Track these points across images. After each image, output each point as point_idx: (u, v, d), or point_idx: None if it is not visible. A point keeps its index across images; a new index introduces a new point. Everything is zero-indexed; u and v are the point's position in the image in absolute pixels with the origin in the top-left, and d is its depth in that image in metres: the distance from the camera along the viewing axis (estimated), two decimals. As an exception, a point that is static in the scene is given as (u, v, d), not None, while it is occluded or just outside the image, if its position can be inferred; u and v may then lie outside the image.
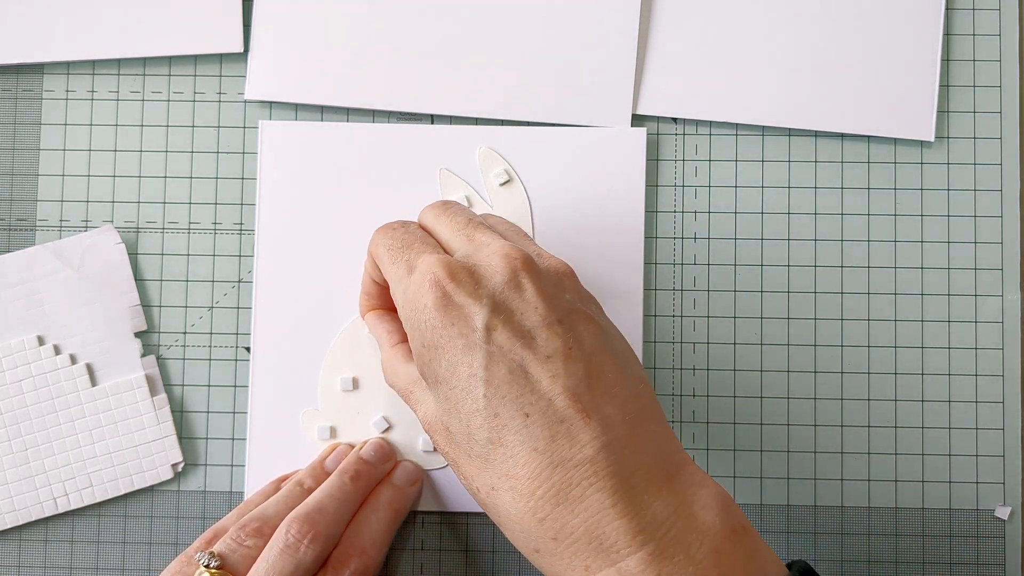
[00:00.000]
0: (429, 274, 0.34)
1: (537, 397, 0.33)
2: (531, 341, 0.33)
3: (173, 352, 0.44)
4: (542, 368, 0.33)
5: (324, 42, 0.44)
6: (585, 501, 0.32)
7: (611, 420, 0.33)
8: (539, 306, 0.34)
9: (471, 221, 0.37)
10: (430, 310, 0.34)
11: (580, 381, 0.33)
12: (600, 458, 0.32)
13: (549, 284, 0.34)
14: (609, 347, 0.34)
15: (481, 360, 0.33)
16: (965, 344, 0.44)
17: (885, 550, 0.43)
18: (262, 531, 0.37)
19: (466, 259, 0.35)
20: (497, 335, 0.33)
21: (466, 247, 0.36)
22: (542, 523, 0.32)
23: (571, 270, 0.36)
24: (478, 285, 0.34)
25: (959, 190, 0.44)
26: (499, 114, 0.44)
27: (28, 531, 0.43)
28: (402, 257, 0.36)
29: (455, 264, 0.34)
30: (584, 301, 0.36)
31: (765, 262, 0.44)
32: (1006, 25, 0.45)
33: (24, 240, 0.44)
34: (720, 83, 0.44)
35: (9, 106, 0.45)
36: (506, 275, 0.34)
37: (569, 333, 0.33)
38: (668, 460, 0.33)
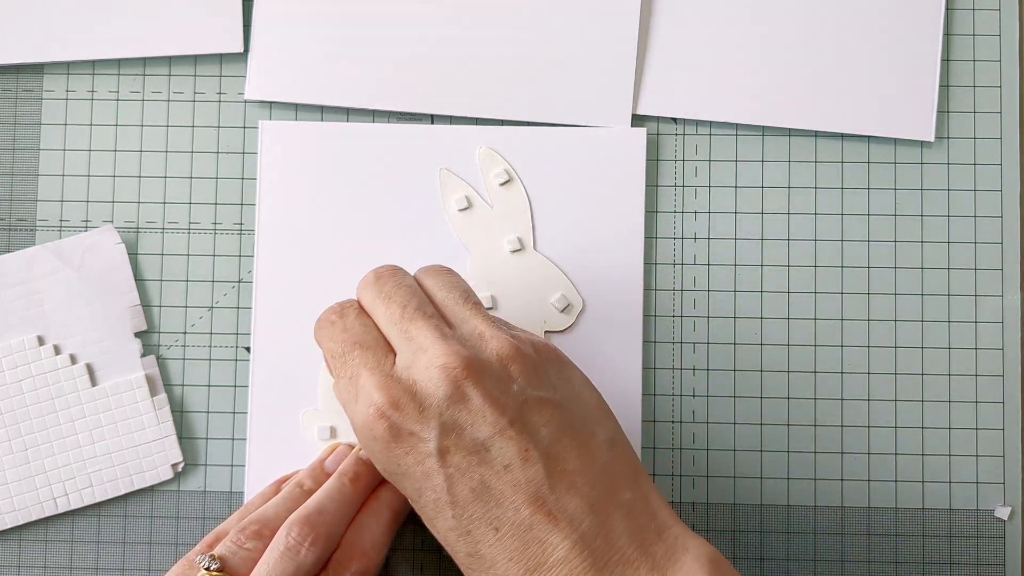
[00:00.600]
0: (372, 405, 0.34)
1: (503, 510, 0.33)
2: (486, 454, 0.33)
3: (173, 352, 0.44)
4: (501, 480, 0.33)
5: (324, 42, 0.44)
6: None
7: (578, 514, 0.33)
8: (487, 414, 0.33)
9: (406, 310, 0.35)
10: (382, 442, 0.34)
11: (541, 483, 0.33)
12: (573, 556, 0.32)
13: (494, 383, 0.34)
14: (567, 423, 0.34)
15: (443, 484, 0.33)
16: (965, 344, 0.44)
17: (885, 550, 0.43)
18: (262, 533, 0.37)
19: (406, 373, 0.34)
20: (452, 457, 0.33)
21: (404, 350, 0.35)
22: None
23: (515, 350, 0.35)
24: (422, 407, 0.33)
25: (959, 190, 0.44)
26: (499, 114, 0.44)
27: (28, 531, 0.43)
28: (344, 372, 0.35)
29: (393, 388, 0.34)
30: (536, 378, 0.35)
31: (765, 262, 0.44)
32: (1006, 25, 0.45)
33: (24, 240, 0.44)
34: (720, 83, 0.44)
35: (9, 106, 0.45)
36: (448, 389, 0.33)
37: (523, 434, 0.33)
38: (644, 531, 0.33)
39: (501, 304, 0.43)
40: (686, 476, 0.43)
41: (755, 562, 0.43)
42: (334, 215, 0.44)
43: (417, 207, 0.44)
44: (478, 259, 0.43)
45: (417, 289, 0.37)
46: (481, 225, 0.44)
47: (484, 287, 0.43)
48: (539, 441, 0.33)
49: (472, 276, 0.43)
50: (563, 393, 0.35)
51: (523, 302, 0.43)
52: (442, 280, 0.37)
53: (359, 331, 0.36)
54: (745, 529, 0.43)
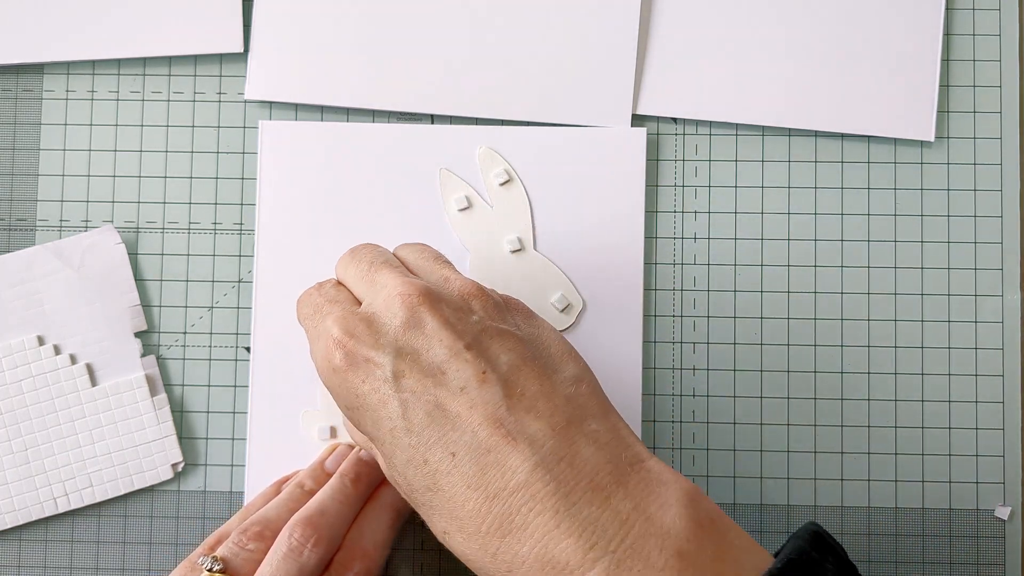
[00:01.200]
0: (329, 337, 0.33)
1: (459, 433, 0.32)
2: (442, 377, 0.32)
3: (173, 352, 0.44)
4: (457, 402, 0.32)
5: (324, 42, 0.44)
6: (528, 528, 0.30)
7: (539, 436, 0.31)
8: (443, 337, 0.33)
9: (373, 264, 0.36)
10: (340, 372, 0.33)
11: (499, 404, 0.32)
12: (534, 480, 0.31)
13: (452, 311, 0.34)
14: (531, 355, 0.33)
15: (398, 410, 0.32)
16: (965, 344, 0.44)
17: (885, 550, 0.43)
18: (264, 535, 0.37)
19: (367, 309, 0.34)
20: (407, 381, 0.32)
21: (368, 294, 0.35)
22: (495, 558, 0.31)
23: (478, 288, 0.35)
24: (377, 334, 0.33)
25: (959, 190, 0.44)
26: (499, 114, 0.44)
27: (28, 531, 0.43)
28: (313, 325, 0.35)
29: (351, 319, 0.34)
30: (498, 315, 0.35)
31: (765, 262, 0.44)
32: (1006, 25, 0.45)
33: (24, 240, 0.44)
34: (720, 83, 0.44)
35: (9, 106, 0.45)
36: (404, 315, 0.33)
37: (480, 358, 0.33)
38: (616, 461, 0.32)
39: (501, 304, 0.43)
40: (686, 476, 0.43)
41: (755, 562, 0.43)
42: (334, 215, 0.44)
43: (417, 207, 0.44)
44: (478, 259, 0.43)
45: (387, 251, 0.38)
46: (481, 225, 0.44)
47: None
48: (498, 366, 0.33)
49: (472, 276, 0.43)
50: (527, 332, 0.35)
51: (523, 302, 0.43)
52: (415, 247, 0.38)
53: (332, 294, 0.36)
54: (745, 529, 0.43)
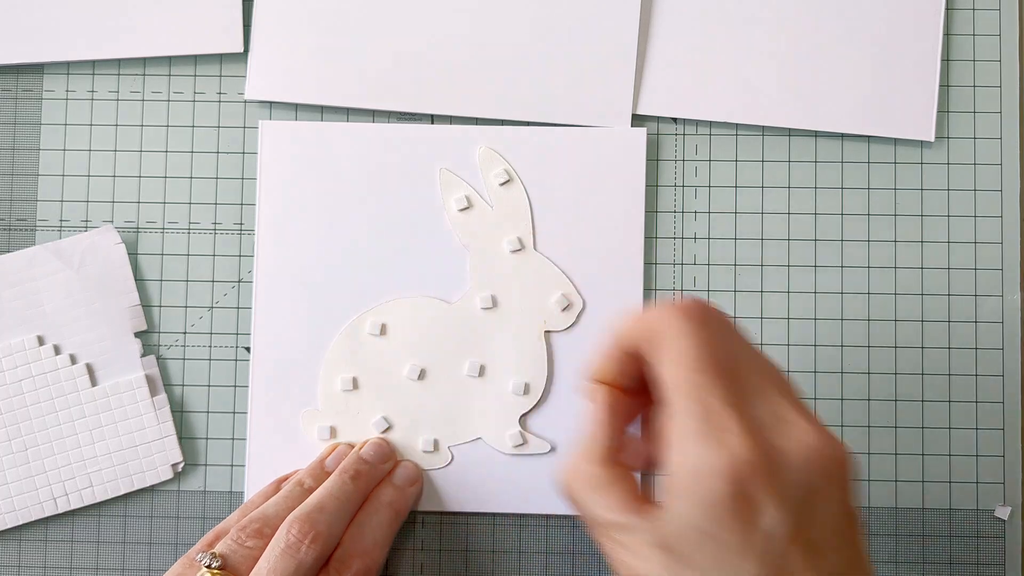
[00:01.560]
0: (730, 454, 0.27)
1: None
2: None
3: (173, 352, 0.44)
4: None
5: (324, 42, 0.44)
6: None
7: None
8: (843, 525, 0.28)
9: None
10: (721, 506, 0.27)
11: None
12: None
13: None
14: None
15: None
16: (965, 344, 0.44)
17: (885, 550, 0.43)
18: (262, 532, 0.37)
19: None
20: (794, 548, 0.27)
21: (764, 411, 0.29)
22: None
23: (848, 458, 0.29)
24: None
25: (959, 190, 0.44)
26: (499, 114, 0.44)
27: (28, 531, 0.43)
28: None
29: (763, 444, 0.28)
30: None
31: (765, 262, 0.44)
32: (1006, 25, 0.45)
33: (24, 240, 0.44)
34: (720, 83, 0.44)
35: (9, 106, 0.45)
36: (821, 479, 0.28)
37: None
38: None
39: (501, 304, 0.43)
40: (686, 476, 0.43)
41: (755, 562, 0.43)
42: (334, 215, 0.44)
43: (417, 207, 0.44)
44: (478, 259, 0.43)
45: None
46: (481, 225, 0.44)
47: (484, 287, 0.43)
48: None
49: (472, 276, 0.43)
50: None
51: (523, 302, 0.43)
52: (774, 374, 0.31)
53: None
54: (745, 529, 0.43)
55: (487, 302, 0.43)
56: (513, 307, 0.43)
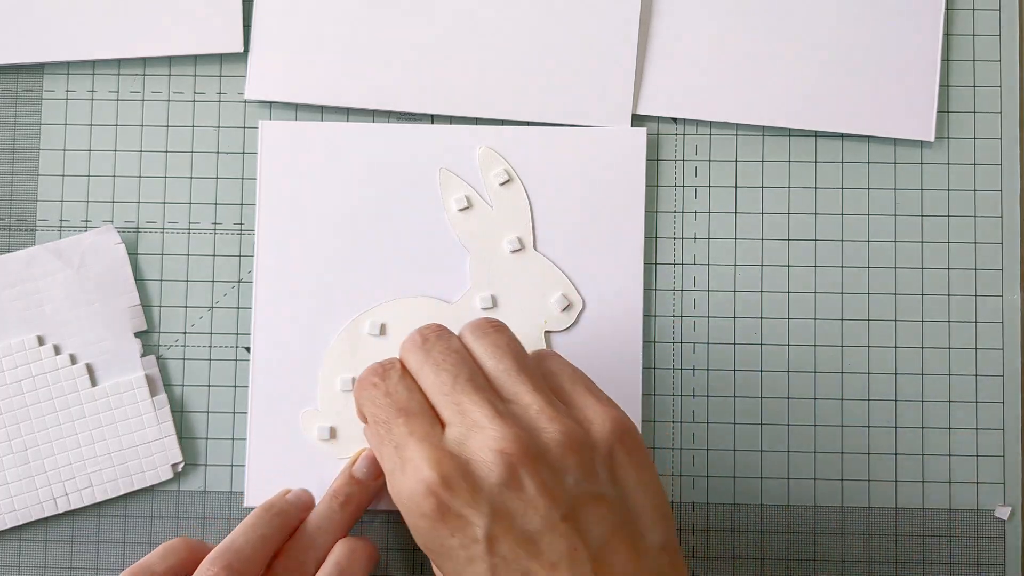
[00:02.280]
0: (422, 481, 0.32)
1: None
2: (535, 547, 0.31)
3: (173, 352, 0.44)
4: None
5: (324, 42, 0.44)
6: None
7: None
8: (540, 506, 0.32)
9: (457, 379, 0.34)
10: (428, 519, 0.32)
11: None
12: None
13: (550, 473, 0.32)
14: (622, 523, 0.33)
15: (485, 572, 0.32)
16: (965, 344, 0.44)
17: (885, 550, 0.43)
18: (232, 567, 0.36)
19: (458, 449, 0.32)
20: (500, 546, 0.31)
21: (455, 423, 0.33)
22: None
23: (573, 439, 0.33)
24: (475, 490, 0.31)
25: (959, 190, 0.44)
26: (499, 114, 0.44)
27: (28, 531, 0.43)
28: (388, 439, 0.34)
29: (447, 465, 0.32)
30: (591, 471, 0.33)
31: (765, 262, 0.44)
32: (1006, 25, 0.45)
33: (24, 240, 0.44)
34: (720, 83, 0.44)
35: (9, 106, 0.45)
36: (503, 474, 0.32)
37: (574, 531, 0.32)
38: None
39: (501, 304, 0.43)
40: (686, 476, 0.43)
41: (755, 562, 0.43)
42: (334, 215, 0.44)
43: (417, 207, 0.44)
44: (478, 259, 0.43)
45: (467, 356, 0.35)
46: (481, 225, 0.44)
47: (484, 287, 0.43)
48: (590, 541, 0.32)
49: (472, 276, 0.43)
50: (622, 487, 0.33)
51: (523, 302, 0.43)
52: (490, 343, 0.35)
53: (403, 396, 0.34)
54: (745, 529, 0.43)
55: (487, 302, 0.43)
56: (513, 307, 0.43)
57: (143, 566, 0.36)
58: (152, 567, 0.36)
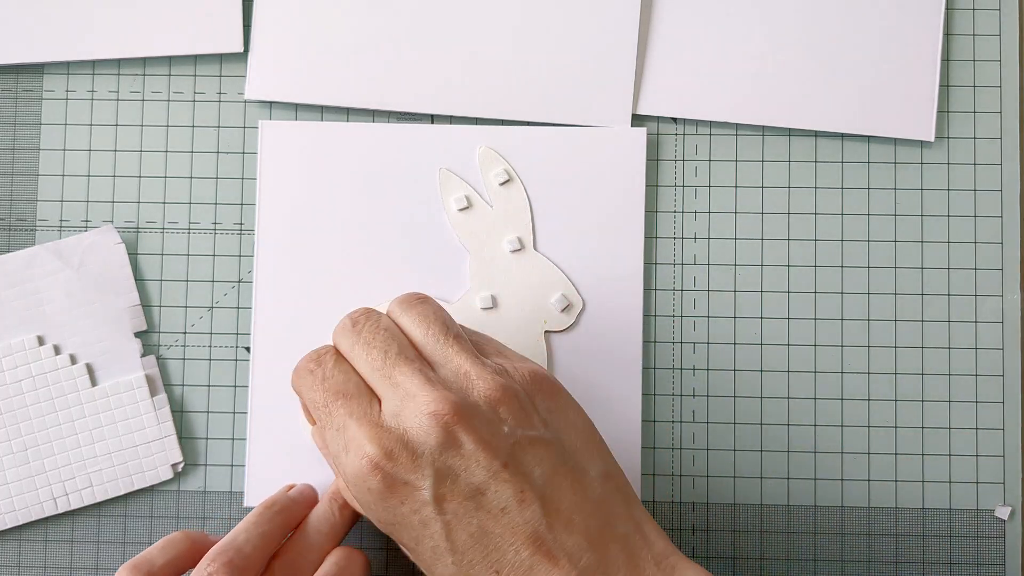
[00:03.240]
0: (364, 457, 0.33)
1: (502, 553, 0.33)
2: (482, 498, 0.33)
3: (173, 352, 0.44)
4: (500, 523, 0.33)
5: (324, 42, 0.44)
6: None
7: (576, 551, 0.33)
8: (480, 458, 0.33)
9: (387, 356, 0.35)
10: (376, 494, 0.33)
11: (539, 523, 0.33)
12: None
13: (485, 426, 0.33)
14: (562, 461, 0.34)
15: (440, 531, 0.33)
16: (965, 344, 0.44)
17: (885, 550, 0.43)
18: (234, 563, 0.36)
19: (395, 421, 0.34)
20: (448, 504, 0.33)
21: (390, 396, 0.34)
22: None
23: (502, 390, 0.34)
24: (415, 456, 0.33)
25: (959, 190, 0.44)
26: (499, 114, 0.44)
27: (28, 531, 0.43)
28: (329, 423, 0.35)
29: (386, 438, 0.33)
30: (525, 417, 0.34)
31: (765, 262, 0.44)
32: (1006, 25, 0.45)
33: (24, 240, 0.44)
34: (720, 83, 0.44)
35: (9, 106, 0.45)
36: (440, 436, 0.33)
37: (517, 475, 0.33)
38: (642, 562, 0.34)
39: (501, 304, 0.43)
40: (686, 476, 0.43)
41: (755, 562, 0.43)
42: (334, 215, 0.44)
43: (417, 207, 0.44)
44: (478, 259, 0.43)
45: (396, 331, 0.36)
46: (481, 225, 0.44)
47: (484, 287, 0.43)
48: (534, 481, 0.33)
49: (472, 276, 0.43)
50: (554, 429, 0.35)
51: (523, 302, 0.43)
52: (416, 314, 0.36)
53: (340, 379, 0.35)
54: (745, 529, 0.43)
55: (487, 302, 0.43)
56: (513, 307, 0.43)
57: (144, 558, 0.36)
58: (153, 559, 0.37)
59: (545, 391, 0.36)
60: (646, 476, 0.43)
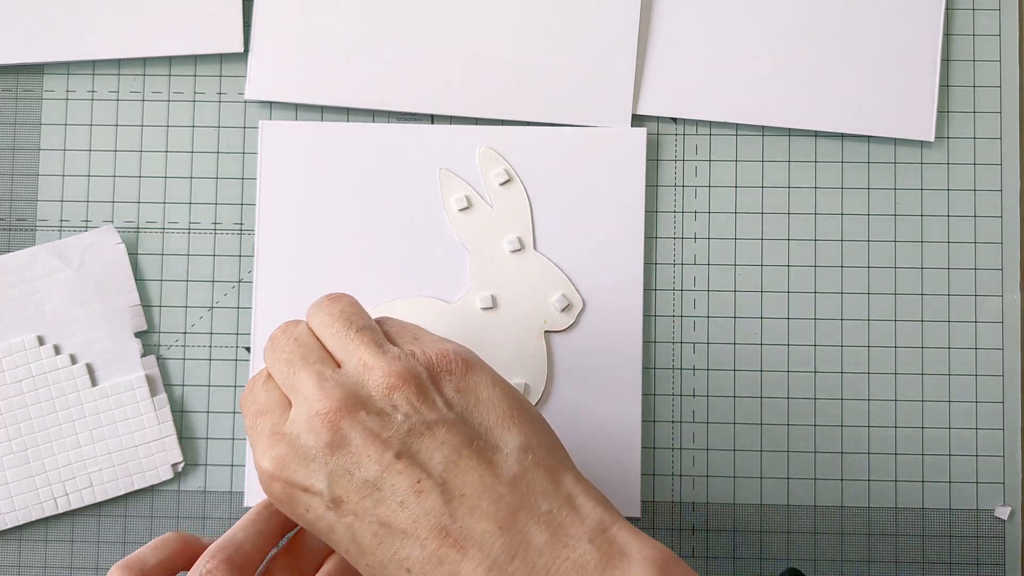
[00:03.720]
0: (264, 472, 0.33)
1: (410, 548, 0.31)
2: (379, 494, 0.32)
3: (173, 352, 0.44)
4: (400, 517, 0.31)
5: (324, 42, 0.44)
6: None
7: (486, 538, 0.31)
8: (371, 452, 0.32)
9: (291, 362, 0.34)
10: (283, 504, 0.33)
11: (441, 514, 0.31)
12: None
13: (374, 417, 0.32)
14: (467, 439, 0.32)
15: (346, 535, 0.32)
16: (965, 344, 0.44)
17: (885, 550, 0.43)
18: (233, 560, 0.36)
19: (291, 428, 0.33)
20: (347, 505, 0.32)
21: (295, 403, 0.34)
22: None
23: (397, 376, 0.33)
24: (306, 459, 0.32)
25: (959, 190, 0.44)
26: (499, 114, 0.44)
27: (28, 531, 0.43)
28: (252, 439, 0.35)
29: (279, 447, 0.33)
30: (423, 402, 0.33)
31: (765, 262, 0.44)
32: (1006, 25, 0.45)
33: (24, 240, 0.44)
34: (720, 83, 0.44)
35: (9, 106, 0.45)
36: (327, 436, 0.32)
37: (412, 465, 0.32)
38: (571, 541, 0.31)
39: (501, 304, 0.43)
40: (686, 476, 0.43)
41: (755, 562, 0.43)
42: (334, 215, 0.44)
43: (417, 207, 0.44)
44: (478, 259, 0.44)
45: (305, 338, 0.35)
46: (481, 225, 0.44)
47: (484, 287, 0.43)
48: (431, 470, 0.32)
49: (472, 276, 0.43)
50: (461, 408, 0.33)
51: (523, 302, 0.43)
52: (325, 314, 0.36)
53: (263, 399, 0.35)
54: (745, 529, 0.43)
55: (487, 302, 0.43)
56: (513, 307, 0.43)
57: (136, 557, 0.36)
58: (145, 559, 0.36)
59: (454, 371, 0.34)
60: (646, 476, 0.43)
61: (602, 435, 0.43)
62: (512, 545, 0.31)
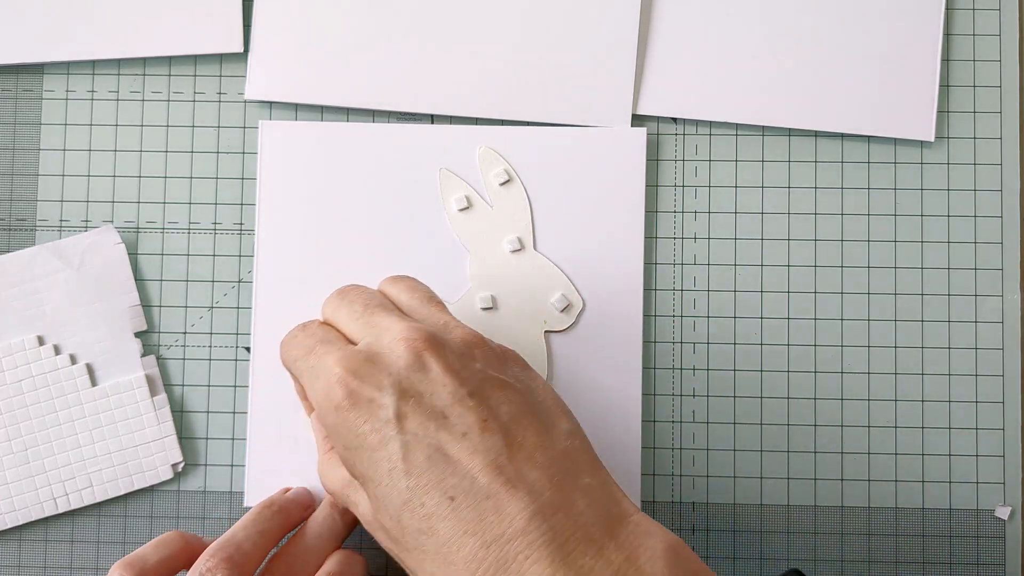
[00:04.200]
0: (332, 374, 0.34)
1: (459, 478, 0.32)
2: (445, 421, 0.33)
3: (173, 352, 0.44)
4: (459, 447, 0.32)
5: (324, 42, 0.44)
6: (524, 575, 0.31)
7: (537, 486, 0.32)
8: (447, 383, 0.33)
9: (368, 305, 0.36)
10: (341, 411, 0.33)
11: (500, 453, 0.32)
12: (532, 528, 0.31)
13: (456, 358, 0.34)
14: (529, 408, 0.34)
15: (399, 451, 0.32)
16: (965, 344, 0.44)
17: (885, 550, 0.43)
18: (234, 560, 0.36)
19: (366, 348, 0.34)
20: (409, 422, 0.33)
21: (368, 335, 0.35)
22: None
23: (479, 338, 0.35)
24: (381, 374, 0.33)
25: (959, 190, 0.44)
26: (499, 114, 0.44)
27: (28, 531, 0.43)
28: (307, 365, 0.35)
29: (355, 358, 0.34)
30: (499, 365, 0.35)
31: (765, 262, 0.44)
32: (1006, 25, 0.45)
33: (24, 240, 0.44)
34: (720, 83, 0.44)
35: (9, 106, 0.45)
36: (409, 359, 0.33)
37: (482, 405, 0.33)
38: (607, 514, 0.33)
39: (501, 304, 0.43)
40: (686, 476, 0.43)
41: (755, 562, 0.43)
42: (334, 215, 0.44)
43: (417, 207, 0.44)
44: (478, 259, 0.43)
45: (378, 293, 0.37)
46: (481, 225, 0.44)
47: (484, 287, 0.43)
48: (499, 415, 0.33)
49: (472, 276, 0.43)
50: (524, 384, 0.35)
51: (523, 302, 0.43)
52: (404, 285, 0.38)
53: (321, 333, 0.36)
54: (745, 529, 0.43)
55: (487, 302, 0.43)
56: (513, 307, 0.43)
57: (137, 556, 0.36)
58: (146, 557, 0.37)
59: (518, 360, 0.36)
60: (646, 476, 0.43)
61: (602, 435, 0.43)
62: (557, 500, 0.32)
